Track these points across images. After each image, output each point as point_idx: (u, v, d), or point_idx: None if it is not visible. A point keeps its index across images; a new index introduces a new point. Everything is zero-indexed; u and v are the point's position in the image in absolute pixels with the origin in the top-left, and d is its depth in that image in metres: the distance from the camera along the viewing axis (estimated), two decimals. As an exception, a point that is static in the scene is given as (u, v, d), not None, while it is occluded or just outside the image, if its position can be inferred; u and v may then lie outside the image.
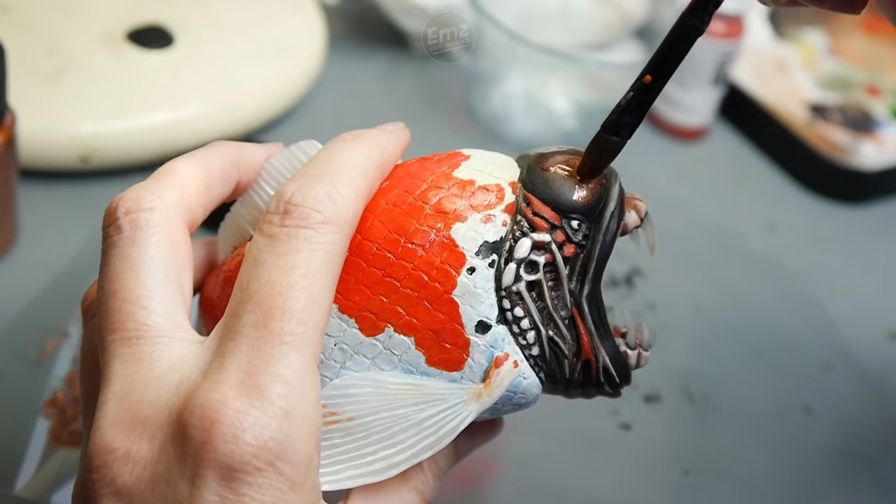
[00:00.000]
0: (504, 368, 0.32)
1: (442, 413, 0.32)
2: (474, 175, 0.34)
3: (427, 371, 0.32)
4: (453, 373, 0.32)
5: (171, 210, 0.31)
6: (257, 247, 0.30)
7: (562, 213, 0.34)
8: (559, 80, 0.76)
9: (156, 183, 0.32)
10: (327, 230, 0.30)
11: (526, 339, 0.33)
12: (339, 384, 0.32)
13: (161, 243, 0.30)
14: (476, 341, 0.32)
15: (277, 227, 0.30)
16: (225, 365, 0.28)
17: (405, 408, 0.32)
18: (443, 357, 0.32)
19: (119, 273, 0.30)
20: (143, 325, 0.29)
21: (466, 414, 0.32)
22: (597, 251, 0.34)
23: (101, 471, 0.28)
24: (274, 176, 0.35)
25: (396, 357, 0.32)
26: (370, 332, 0.32)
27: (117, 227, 0.31)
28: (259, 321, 0.28)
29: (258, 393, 0.27)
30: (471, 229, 0.33)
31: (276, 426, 0.27)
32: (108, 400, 0.29)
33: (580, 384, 0.34)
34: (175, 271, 0.31)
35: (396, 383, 0.32)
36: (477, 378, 0.32)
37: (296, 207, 0.30)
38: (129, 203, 0.31)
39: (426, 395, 0.32)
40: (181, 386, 0.28)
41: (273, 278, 0.29)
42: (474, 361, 0.32)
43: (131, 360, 0.29)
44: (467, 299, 0.32)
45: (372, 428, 0.32)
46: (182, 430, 0.27)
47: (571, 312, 0.34)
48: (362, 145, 0.33)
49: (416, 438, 0.32)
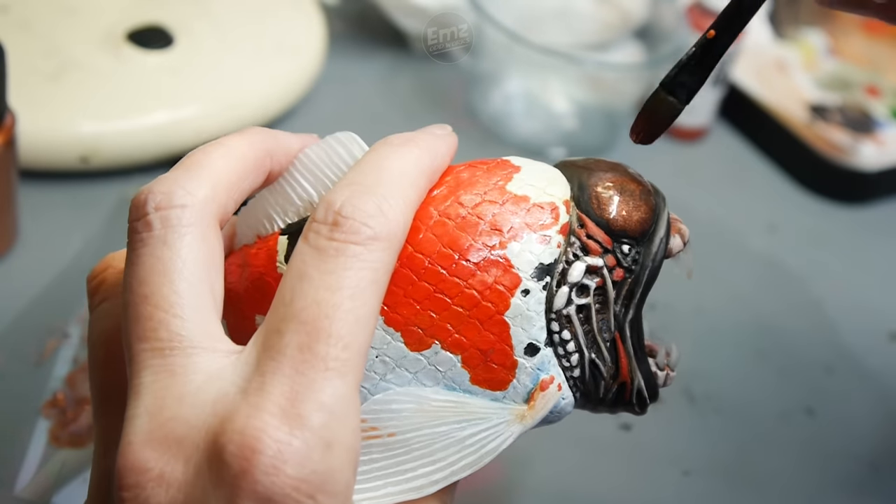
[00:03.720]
0: (549, 391, 0.32)
1: (484, 432, 0.32)
2: (528, 191, 0.33)
3: (470, 389, 0.32)
4: (496, 392, 0.32)
5: (204, 206, 0.30)
6: (303, 259, 0.28)
7: (614, 236, 0.33)
8: (559, 80, 0.76)
9: (187, 175, 0.30)
10: (377, 247, 0.28)
11: (570, 361, 0.33)
12: (381, 399, 0.31)
13: (194, 244, 0.29)
14: (524, 363, 0.32)
15: (325, 241, 0.28)
16: (266, 387, 0.27)
17: (447, 425, 0.31)
18: (488, 376, 0.32)
19: (151, 276, 0.28)
20: (178, 335, 0.28)
21: (508, 434, 0.32)
22: (645, 276, 0.33)
23: (133, 490, 0.27)
24: (309, 168, 0.33)
25: (440, 373, 0.32)
26: (416, 347, 0.32)
27: (147, 223, 0.29)
28: (303, 343, 0.27)
29: (300, 422, 0.26)
30: (527, 250, 0.32)
31: (318, 458, 0.26)
32: (140, 415, 0.27)
33: (611, 403, 0.34)
34: (208, 275, 0.29)
35: (439, 400, 0.32)
36: (519, 398, 0.32)
37: (346, 220, 0.28)
38: (159, 197, 0.29)
39: (468, 413, 0.32)
40: (218, 404, 0.27)
41: (320, 297, 0.27)
42: (519, 382, 0.32)
43: (164, 373, 0.28)
44: (519, 321, 0.32)
45: (412, 444, 0.31)
46: (219, 455, 0.26)
47: (614, 335, 0.33)
48: (412, 151, 0.31)
49: (457, 457, 0.31)
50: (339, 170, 0.33)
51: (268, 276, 0.33)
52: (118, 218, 0.60)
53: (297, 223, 0.33)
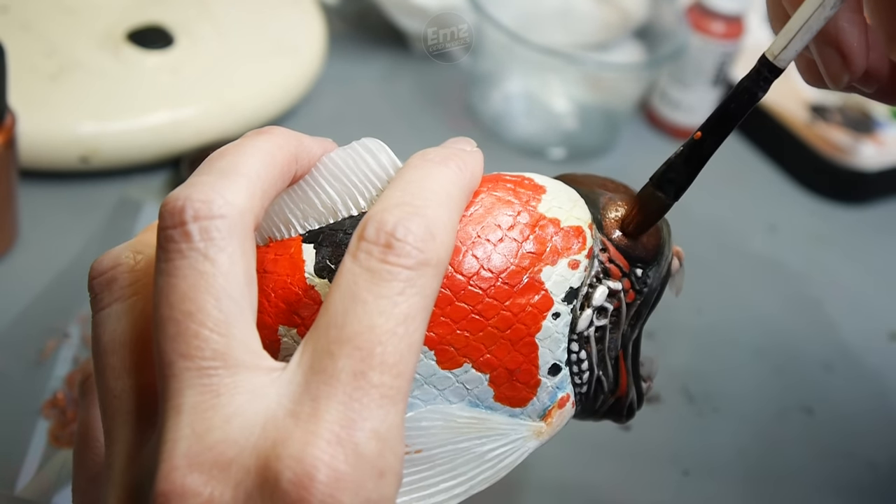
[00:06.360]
0: (566, 409, 0.34)
1: (502, 448, 0.32)
2: (557, 213, 0.34)
3: (492, 406, 0.33)
4: (515, 409, 0.33)
5: (242, 217, 0.29)
6: (354, 279, 0.28)
7: (631, 261, 0.34)
8: (559, 80, 0.76)
9: (224, 182, 0.29)
10: (428, 272, 0.28)
11: (581, 378, 0.34)
12: (412, 417, 0.32)
13: (235, 258, 0.28)
14: (546, 382, 0.33)
15: (378, 262, 0.28)
16: (320, 413, 0.27)
17: (469, 441, 0.32)
18: (511, 394, 0.33)
19: (193, 293, 0.28)
20: (223, 354, 0.27)
21: (525, 450, 0.33)
22: (653, 298, 0.35)
23: None
24: (335, 174, 0.33)
25: (467, 391, 0.32)
26: (447, 365, 0.32)
27: (186, 234, 0.28)
28: (358, 370, 0.27)
29: (356, 451, 0.26)
30: (559, 274, 0.33)
31: (372, 486, 0.26)
32: (185, 437, 0.27)
33: (602, 414, 0.36)
34: (248, 289, 0.29)
35: (464, 417, 0.32)
36: (535, 415, 0.33)
37: (399, 243, 0.28)
38: (198, 206, 0.28)
39: (488, 429, 0.32)
40: (268, 427, 0.27)
41: (374, 323, 0.27)
42: (538, 400, 0.33)
43: (209, 393, 0.27)
44: (547, 343, 0.33)
45: (436, 460, 0.32)
46: (273, 481, 0.26)
47: (618, 353, 0.35)
48: (452, 169, 0.31)
49: (477, 471, 0.32)
50: (367, 178, 0.32)
51: (294, 287, 0.32)
52: (118, 218, 0.60)
53: (320, 231, 0.33)
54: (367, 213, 0.29)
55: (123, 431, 0.30)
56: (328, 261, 0.32)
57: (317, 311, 0.31)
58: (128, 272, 0.32)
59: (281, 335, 0.32)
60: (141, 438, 0.29)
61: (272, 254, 0.33)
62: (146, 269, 0.31)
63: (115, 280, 0.32)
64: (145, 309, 0.31)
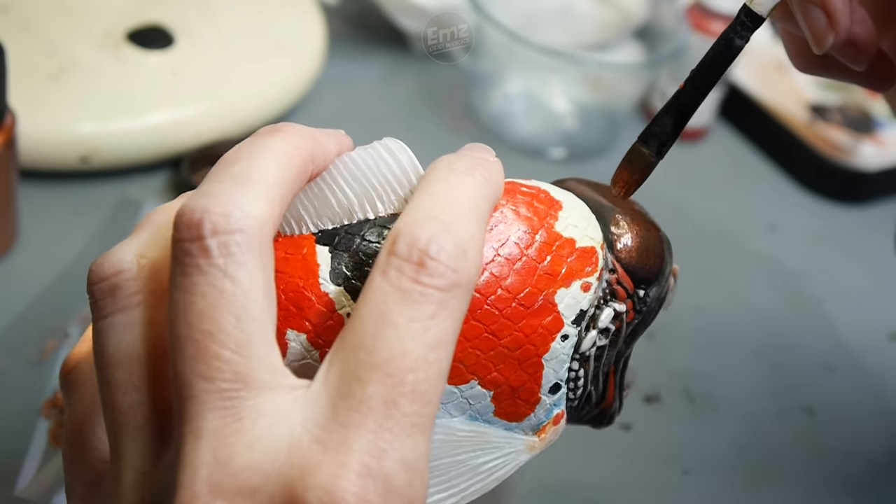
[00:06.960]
0: (560, 425, 0.34)
1: (496, 460, 0.33)
2: (573, 233, 0.33)
3: (490, 420, 0.33)
4: (511, 423, 0.33)
5: (261, 229, 0.28)
6: (384, 297, 0.27)
7: (636, 282, 0.34)
8: (559, 80, 0.76)
9: (240, 191, 0.28)
10: (459, 294, 0.27)
11: (576, 394, 0.34)
12: None
13: (255, 273, 0.27)
14: (545, 400, 0.33)
15: (410, 282, 0.27)
16: (349, 442, 0.26)
17: (465, 453, 0.32)
18: (511, 410, 0.33)
19: (213, 311, 0.26)
20: (245, 376, 0.26)
21: (517, 462, 0.33)
22: (651, 318, 0.35)
23: None
24: (354, 175, 0.32)
25: (469, 406, 0.32)
26: (455, 381, 0.32)
27: (204, 249, 0.27)
28: (389, 398, 0.26)
29: (386, 482, 0.26)
30: (572, 296, 0.33)
31: None
32: (207, 463, 0.26)
33: (584, 422, 0.36)
34: (268, 304, 0.27)
35: (463, 430, 0.32)
36: (530, 429, 0.33)
37: (432, 262, 0.27)
38: (216, 219, 0.27)
39: (484, 441, 0.32)
40: (294, 454, 0.26)
41: (406, 349, 0.26)
42: (535, 416, 0.33)
43: (231, 417, 0.26)
44: (552, 363, 0.33)
45: (434, 473, 0.31)
46: None
47: (609, 369, 0.35)
48: (478, 180, 0.30)
49: (469, 483, 0.32)
50: (387, 180, 0.32)
51: (307, 291, 0.31)
52: (118, 218, 0.60)
53: (335, 233, 0.32)
54: (396, 226, 0.28)
55: (133, 447, 0.29)
56: (344, 267, 0.31)
57: (329, 319, 0.31)
58: (132, 279, 0.30)
59: (289, 339, 0.31)
60: (153, 455, 0.29)
61: (282, 251, 0.32)
62: (151, 276, 0.30)
63: (118, 287, 0.30)
64: (153, 319, 0.30)
